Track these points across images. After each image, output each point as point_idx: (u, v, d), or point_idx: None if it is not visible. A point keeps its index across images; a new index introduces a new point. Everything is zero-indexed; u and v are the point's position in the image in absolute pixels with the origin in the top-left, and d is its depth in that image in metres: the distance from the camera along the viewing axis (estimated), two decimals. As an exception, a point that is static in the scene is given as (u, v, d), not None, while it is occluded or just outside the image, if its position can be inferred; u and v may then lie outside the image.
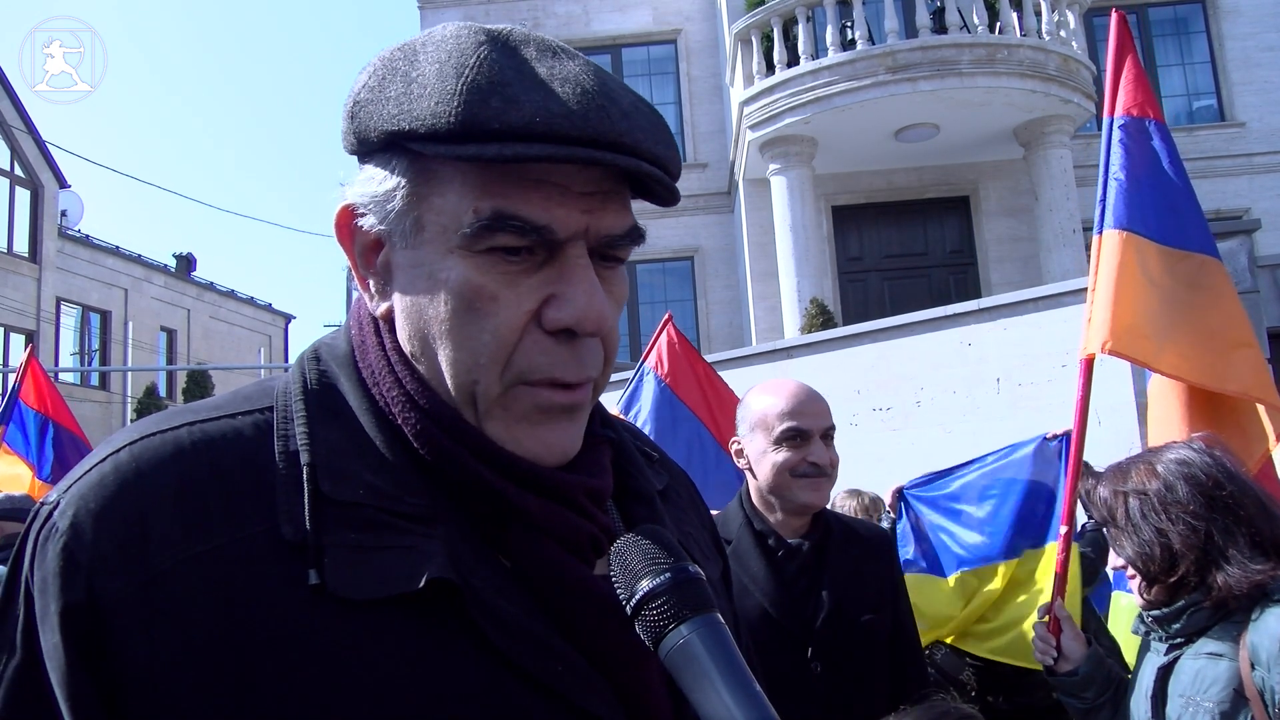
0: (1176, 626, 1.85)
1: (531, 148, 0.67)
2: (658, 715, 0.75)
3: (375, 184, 0.75)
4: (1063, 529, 2.39)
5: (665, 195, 0.76)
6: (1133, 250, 2.42)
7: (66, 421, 5.43)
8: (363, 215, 0.76)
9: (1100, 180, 2.53)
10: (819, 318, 10.50)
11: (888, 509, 3.88)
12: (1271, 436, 2.37)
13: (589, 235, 0.73)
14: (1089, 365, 2.43)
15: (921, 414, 7.16)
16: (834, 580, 2.08)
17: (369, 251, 0.78)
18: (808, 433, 2.08)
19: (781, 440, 2.08)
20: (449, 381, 0.74)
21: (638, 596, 0.67)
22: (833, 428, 2.13)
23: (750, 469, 2.16)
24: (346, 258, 0.80)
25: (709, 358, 8.74)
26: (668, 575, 0.67)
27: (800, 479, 2.06)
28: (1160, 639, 1.90)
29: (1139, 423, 5.61)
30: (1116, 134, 2.54)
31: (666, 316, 4.87)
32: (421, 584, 0.67)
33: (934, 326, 7.23)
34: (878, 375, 7.41)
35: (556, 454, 0.76)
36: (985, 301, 7.24)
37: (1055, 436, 3.34)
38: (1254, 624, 1.74)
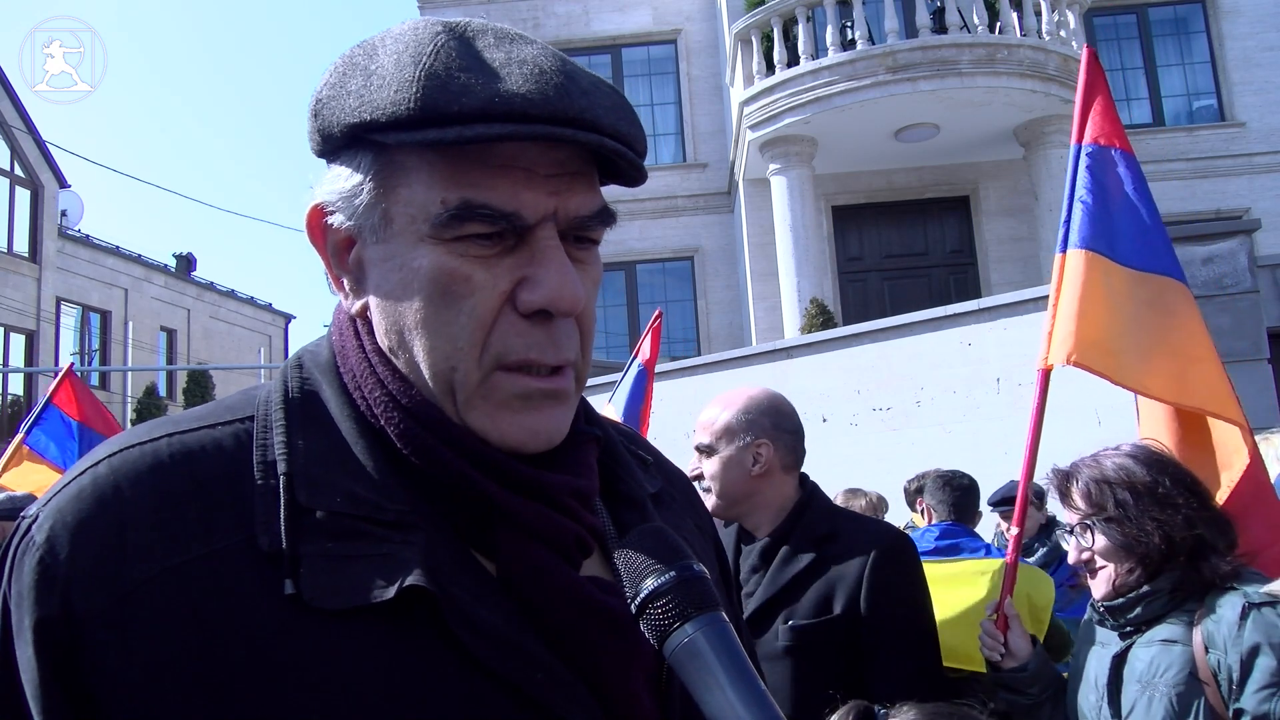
0: (1132, 615, 1.91)
1: (492, 128, 0.67)
2: None
3: (342, 180, 0.75)
4: (1014, 530, 2.41)
5: (632, 173, 0.75)
6: (1098, 269, 2.48)
7: (100, 426, 5.56)
8: (332, 213, 0.76)
9: (1065, 202, 2.63)
10: (819, 318, 10.51)
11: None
12: (1246, 451, 2.37)
13: (558, 217, 0.73)
14: (1046, 376, 2.48)
15: (921, 414, 7.15)
16: (770, 582, 2.06)
17: (341, 250, 0.78)
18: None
19: None
20: (427, 372, 0.73)
21: (642, 595, 0.67)
22: (702, 443, 2.20)
23: None
24: (320, 258, 0.79)
25: (709, 358, 8.76)
26: (672, 574, 0.67)
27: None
28: (1112, 628, 1.96)
29: (1138, 424, 5.60)
30: (1084, 160, 2.63)
31: (657, 314, 5.23)
32: (393, 593, 0.66)
33: (934, 326, 7.22)
34: (878, 375, 7.40)
35: (541, 440, 0.75)
36: (985, 301, 7.23)
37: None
38: (1209, 611, 1.81)
